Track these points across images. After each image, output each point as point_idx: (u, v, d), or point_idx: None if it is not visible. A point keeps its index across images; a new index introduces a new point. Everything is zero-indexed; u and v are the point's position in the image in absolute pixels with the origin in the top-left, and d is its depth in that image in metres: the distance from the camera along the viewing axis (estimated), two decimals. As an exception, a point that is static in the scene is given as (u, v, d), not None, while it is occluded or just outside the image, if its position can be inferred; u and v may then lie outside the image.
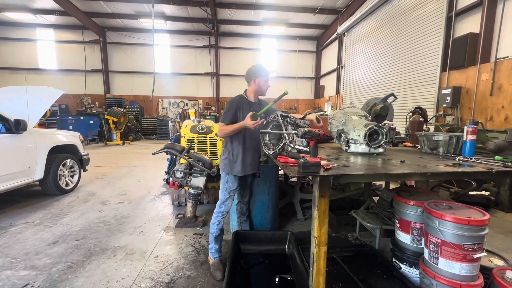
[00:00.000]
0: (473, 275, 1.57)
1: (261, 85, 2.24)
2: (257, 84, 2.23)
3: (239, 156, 2.25)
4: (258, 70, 2.23)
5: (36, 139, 3.90)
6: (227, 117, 2.17)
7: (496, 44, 4.84)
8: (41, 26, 13.47)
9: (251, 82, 2.25)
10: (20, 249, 2.64)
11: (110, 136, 11.41)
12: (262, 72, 2.22)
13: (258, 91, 2.28)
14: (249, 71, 2.26)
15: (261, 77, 2.23)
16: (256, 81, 2.23)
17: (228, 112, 2.18)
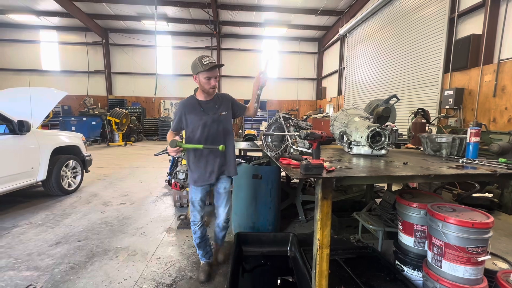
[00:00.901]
0: (477, 278, 1.56)
1: (202, 83, 1.94)
2: (198, 81, 1.95)
3: (194, 163, 2.06)
4: (196, 65, 1.91)
5: (39, 140, 3.92)
6: (173, 123, 2.02)
7: (499, 45, 4.82)
8: (44, 28, 13.59)
9: (194, 79, 2.00)
10: (23, 249, 2.65)
11: (112, 137, 11.46)
12: (199, 68, 1.88)
13: (202, 89, 2.00)
14: (191, 66, 1.98)
15: (200, 74, 1.91)
16: (197, 78, 1.95)
17: (174, 118, 2.01)
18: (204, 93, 2.01)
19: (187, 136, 2.05)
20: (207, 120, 2.00)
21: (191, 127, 2.02)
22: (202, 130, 2.00)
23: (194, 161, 2.06)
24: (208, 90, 1.97)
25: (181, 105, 2.02)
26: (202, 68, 1.86)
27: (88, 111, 12.23)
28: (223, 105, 2.09)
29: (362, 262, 2.22)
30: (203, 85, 1.94)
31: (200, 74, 1.90)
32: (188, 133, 2.04)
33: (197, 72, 1.90)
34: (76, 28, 13.49)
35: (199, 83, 1.95)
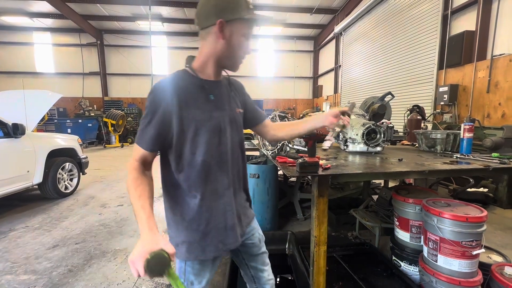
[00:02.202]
0: (472, 272, 1.58)
1: (233, 40, 0.94)
2: (226, 35, 0.92)
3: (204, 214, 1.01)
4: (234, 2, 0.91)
5: (34, 143, 3.89)
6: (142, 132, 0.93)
7: (492, 41, 4.87)
8: (38, 30, 13.45)
9: (210, 29, 0.92)
10: (20, 253, 2.63)
11: (108, 139, 11.39)
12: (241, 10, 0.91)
13: (225, 56, 0.97)
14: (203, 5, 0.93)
15: (238, 22, 0.92)
16: (225, 29, 0.91)
17: (144, 120, 0.92)
18: (220, 65, 1.00)
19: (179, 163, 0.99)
20: (221, 120, 1.00)
21: (191, 140, 0.95)
22: (212, 142, 0.98)
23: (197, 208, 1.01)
24: (240, 58, 1.00)
25: (164, 91, 0.91)
26: (247, 14, 0.92)
27: (84, 113, 12.15)
28: (238, 97, 1.13)
29: (359, 259, 2.24)
30: (235, 47, 0.95)
31: (237, 23, 0.92)
32: (186, 153, 0.97)
33: (235, 17, 0.90)
34: (70, 29, 13.38)
35: (227, 39, 0.93)
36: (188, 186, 1.00)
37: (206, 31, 0.94)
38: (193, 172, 0.99)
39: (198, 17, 0.95)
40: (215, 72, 1.01)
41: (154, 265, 0.73)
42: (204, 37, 0.95)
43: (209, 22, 0.92)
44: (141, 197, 0.88)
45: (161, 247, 0.76)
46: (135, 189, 0.89)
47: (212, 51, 0.96)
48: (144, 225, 0.82)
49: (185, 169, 0.99)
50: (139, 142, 0.95)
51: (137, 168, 0.95)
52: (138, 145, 0.95)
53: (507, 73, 4.56)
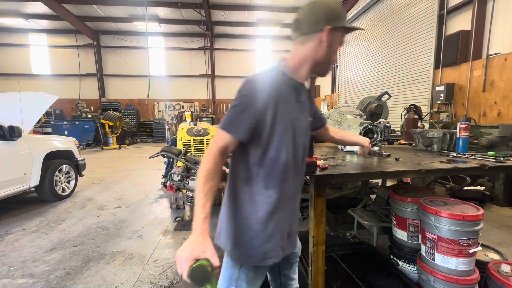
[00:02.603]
0: (469, 270, 1.60)
1: (331, 47, 0.97)
2: (324, 41, 0.95)
3: (275, 215, 0.98)
4: (337, 14, 0.96)
5: (31, 146, 3.87)
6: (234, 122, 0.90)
7: (487, 40, 4.91)
8: (34, 31, 13.37)
9: (313, 36, 0.96)
10: (17, 257, 2.61)
11: (106, 141, 11.34)
12: (341, 20, 0.97)
13: (323, 61, 1.00)
14: (312, 11, 0.96)
15: (339, 30, 0.97)
16: (326, 35, 0.95)
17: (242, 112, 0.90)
18: (318, 69, 1.03)
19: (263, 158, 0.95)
20: (303, 123, 1.04)
21: (279, 136, 0.94)
22: (295, 142, 1.00)
23: (275, 207, 0.98)
24: (331, 65, 1.08)
25: (264, 83, 0.93)
26: (344, 24, 0.97)
27: (81, 114, 12.09)
28: (311, 104, 1.17)
29: (358, 258, 2.25)
30: (329, 54, 0.99)
31: (339, 31, 0.98)
32: (271, 149, 0.95)
33: (336, 26, 0.95)
34: (66, 30, 13.31)
35: (329, 44, 0.96)
36: (266, 183, 0.97)
37: (309, 36, 0.97)
38: (275, 169, 0.97)
39: (303, 23, 0.98)
40: (305, 76, 1.04)
41: (197, 275, 0.76)
42: (304, 42, 0.98)
43: (316, 28, 0.95)
44: (207, 195, 0.86)
45: (208, 256, 0.78)
46: (204, 183, 0.86)
47: (312, 56, 0.98)
48: (198, 226, 0.83)
49: (266, 165, 0.96)
50: (228, 129, 0.90)
51: (215, 158, 0.89)
52: (227, 131, 0.90)
53: (502, 72, 4.60)
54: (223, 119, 0.93)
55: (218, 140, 0.91)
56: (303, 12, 0.99)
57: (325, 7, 0.95)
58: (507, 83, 4.52)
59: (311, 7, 0.97)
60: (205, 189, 0.85)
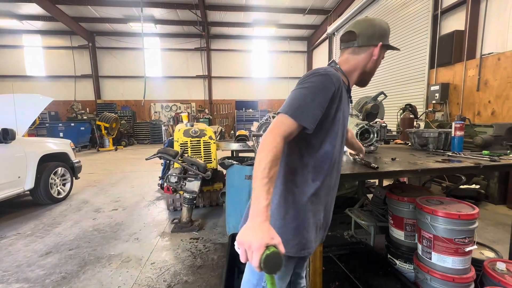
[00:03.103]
0: (465, 268, 1.61)
1: (376, 61, 1.12)
2: (373, 55, 1.10)
3: (315, 207, 1.02)
4: (385, 32, 1.13)
5: (25, 148, 3.82)
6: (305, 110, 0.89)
7: (481, 40, 4.97)
8: (28, 32, 13.22)
9: (366, 49, 1.10)
10: (12, 261, 2.58)
11: (102, 142, 11.25)
12: (387, 38, 1.14)
13: (368, 72, 1.15)
14: (368, 27, 1.10)
15: (383, 47, 1.13)
16: (375, 50, 1.10)
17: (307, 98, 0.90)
18: (364, 78, 1.17)
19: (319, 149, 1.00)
20: (346, 123, 1.14)
21: (335, 131, 1.01)
22: (342, 139, 1.09)
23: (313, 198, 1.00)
24: (373, 74, 1.18)
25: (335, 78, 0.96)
26: (389, 43, 1.15)
27: (76, 116, 11.97)
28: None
29: (355, 258, 2.25)
30: (375, 67, 1.14)
31: (384, 48, 1.13)
32: (327, 141, 1.00)
33: (385, 43, 1.12)
34: (60, 32, 13.19)
35: (374, 59, 1.11)
36: (313, 175, 1.00)
37: (363, 49, 1.10)
38: (325, 163, 1.01)
39: (359, 36, 1.09)
40: (353, 82, 1.15)
41: (272, 262, 0.69)
42: (357, 52, 1.11)
43: (371, 42, 1.09)
44: (271, 180, 0.81)
45: (277, 243, 0.73)
46: (270, 169, 0.81)
47: (362, 66, 1.11)
48: (261, 212, 0.76)
49: (319, 158, 1.00)
50: (297, 116, 0.87)
51: (281, 145, 0.85)
52: (294, 119, 0.87)
53: (496, 71, 4.66)
54: (289, 102, 0.90)
55: (283, 127, 0.87)
56: (360, 26, 1.10)
57: (380, 25, 1.11)
58: (501, 82, 4.58)
59: (368, 24, 1.10)
60: (270, 174, 0.81)
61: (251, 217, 0.77)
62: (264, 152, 0.82)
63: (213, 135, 3.93)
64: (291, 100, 0.91)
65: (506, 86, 4.49)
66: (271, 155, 0.82)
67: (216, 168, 4.02)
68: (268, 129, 0.88)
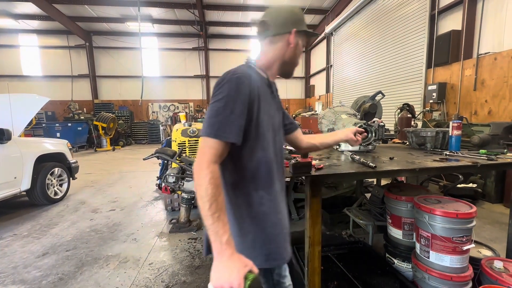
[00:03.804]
0: (463, 267, 1.61)
1: (296, 49, 1.06)
2: (291, 43, 1.04)
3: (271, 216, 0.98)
4: (298, 19, 1.06)
5: (21, 149, 3.79)
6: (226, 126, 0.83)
7: (478, 40, 5.00)
8: (24, 32, 13.12)
9: (281, 37, 1.04)
10: (8, 262, 2.55)
11: (99, 142, 11.19)
12: (303, 25, 1.06)
13: (289, 62, 1.08)
14: (279, 14, 1.04)
15: (302, 34, 1.07)
16: (292, 39, 1.03)
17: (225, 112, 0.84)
18: (285, 69, 1.11)
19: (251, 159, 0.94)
20: (277, 121, 1.09)
21: (263, 135, 0.95)
22: (275, 140, 1.02)
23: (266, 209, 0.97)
24: (295, 67, 1.13)
25: (246, 76, 0.90)
26: (306, 28, 1.07)
27: (73, 116, 11.90)
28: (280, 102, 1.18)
29: (354, 257, 2.25)
30: (295, 55, 1.07)
31: (302, 35, 1.07)
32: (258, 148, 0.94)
33: (300, 29, 1.04)
34: (57, 31, 13.09)
35: (295, 46, 1.05)
36: (255, 185, 0.95)
37: (278, 37, 1.04)
38: (263, 170, 0.95)
39: (272, 24, 1.03)
40: (275, 75, 1.10)
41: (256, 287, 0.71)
42: (273, 42, 1.04)
43: (284, 30, 1.02)
44: (221, 210, 0.78)
45: (251, 267, 0.74)
46: (216, 201, 0.77)
47: (281, 55, 1.05)
48: (226, 246, 0.75)
49: (254, 166, 0.94)
50: (220, 135, 0.81)
51: (216, 171, 0.80)
52: (219, 138, 0.81)
53: (493, 71, 4.69)
54: (208, 121, 0.84)
55: (210, 150, 0.81)
56: (270, 15, 1.05)
57: (291, 11, 1.05)
58: (497, 82, 4.60)
59: (278, 11, 1.05)
60: (219, 206, 0.77)
61: (218, 256, 0.75)
62: (203, 187, 0.77)
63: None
64: (209, 119, 0.84)
65: (502, 86, 4.52)
66: (210, 187, 0.77)
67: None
68: (196, 159, 0.82)
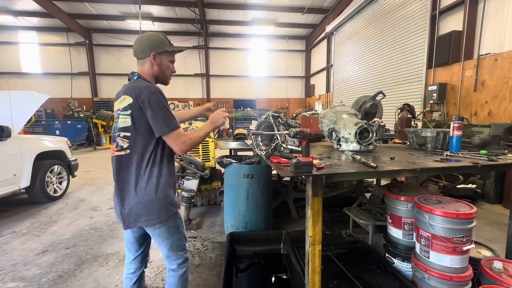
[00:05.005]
0: (462, 267, 1.62)
1: (163, 66, 1.47)
2: (157, 63, 1.44)
3: (173, 177, 1.50)
4: (161, 42, 1.44)
5: (21, 146, 3.78)
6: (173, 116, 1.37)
7: (479, 41, 5.00)
8: (23, 29, 13.07)
9: (145, 60, 1.43)
10: (7, 260, 2.55)
11: (99, 140, 11.18)
12: (166, 46, 1.45)
13: (159, 75, 1.48)
14: (145, 41, 1.42)
15: (165, 54, 1.46)
16: (157, 59, 1.43)
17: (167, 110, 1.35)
18: (157, 81, 1.51)
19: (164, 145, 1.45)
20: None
21: None
22: None
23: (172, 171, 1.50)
24: (169, 77, 1.54)
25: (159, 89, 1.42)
26: (171, 48, 1.47)
27: (73, 114, 11.87)
28: None
29: (353, 256, 2.26)
30: (165, 70, 1.49)
31: (164, 55, 1.45)
32: None
33: (162, 50, 1.43)
34: (57, 28, 13.04)
35: (159, 65, 1.45)
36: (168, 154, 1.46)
37: (143, 60, 1.44)
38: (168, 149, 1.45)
39: (137, 52, 1.44)
40: (155, 83, 1.50)
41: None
42: (142, 64, 1.45)
43: (145, 55, 1.42)
44: (200, 131, 1.41)
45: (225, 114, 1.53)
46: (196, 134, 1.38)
47: (149, 72, 1.45)
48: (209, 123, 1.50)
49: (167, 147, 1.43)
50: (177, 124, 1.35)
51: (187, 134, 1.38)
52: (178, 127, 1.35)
53: (493, 72, 4.69)
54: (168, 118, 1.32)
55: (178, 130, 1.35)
56: (135, 45, 1.44)
57: (148, 39, 1.42)
58: (497, 83, 4.61)
59: (138, 41, 1.43)
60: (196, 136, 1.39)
61: (210, 123, 1.50)
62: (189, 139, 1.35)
63: (211, 134, 3.91)
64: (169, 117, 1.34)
65: (503, 87, 4.53)
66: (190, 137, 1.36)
67: (214, 167, 4.01)
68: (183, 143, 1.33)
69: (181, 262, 1.51)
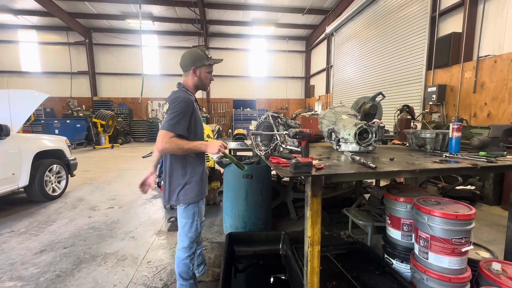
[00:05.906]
0: (461, 268, 1.62)
1: (203, 77, 1.77)
2: (197, 74, 1.75)
3: (202, 170, 1.82)
4: (200, 57, 1.73)
5: (20, 145, 3.77)
6: (181, 124, 1.59)
7: (478, 43, 5.01)
8: (23, 28, 13.06)
9: (188, 73, 1.76)
10: (5, 259, 2.54)
11: (98, 140, 11.15)
12: (204, 60, 1.74)
13: (199, 85, 1.80)
14: (187, 57, 1.75)
15: (204, 67, 1.75)
16: (197, 72, 1.74)
17: (183, 117, 1.60)
18: (197, 89, 1.83)
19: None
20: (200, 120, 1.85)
21: (195, 132, 1.74)
22: (202, 132, 1.87)
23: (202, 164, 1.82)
24: (208, 84, 1.83)
25: (190, 101, 1.66)
26: (208, 62, 1.75)
27: (72, 113, 11.86)
28: None
29: (352, 257, 2.26)
30: (204, 80, 1.78)
31: (203, 67, 1.75)
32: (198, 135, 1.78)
33: (201, 65, 1.73)
34: (57, 27, 13.03)
35: (198, 76, 1.75)
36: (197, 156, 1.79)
37: (186, 73, 1.78)
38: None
39: (182, 65, 1.78)
40: (195, 92, 1.83)
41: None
42: (186, 75, 1.79)
43: (188, 69, 1.75)
44: (188, 144, 1.60)
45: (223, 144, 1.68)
46: (183, 143, 1.58)
47: (192, 83, 1.78)
48: (201, 143, 1.66)
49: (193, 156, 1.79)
50: (174, 128, 1.57)
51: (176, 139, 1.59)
52: (172, 130, 1.57)
53: (492, 73, 4.70)
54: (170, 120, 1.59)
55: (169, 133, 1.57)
56: (181, 60, 1.78)
57: (189, 55, 1.75)
58: (497, 84, 4.62)
59: (182, 57, 1.77)
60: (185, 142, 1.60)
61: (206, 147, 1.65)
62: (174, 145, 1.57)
63: (211, 134, 3.91)
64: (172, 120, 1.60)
65: (502, 89, 4.54)
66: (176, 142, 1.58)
67: (213, 167, 4.00)
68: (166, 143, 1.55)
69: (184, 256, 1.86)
